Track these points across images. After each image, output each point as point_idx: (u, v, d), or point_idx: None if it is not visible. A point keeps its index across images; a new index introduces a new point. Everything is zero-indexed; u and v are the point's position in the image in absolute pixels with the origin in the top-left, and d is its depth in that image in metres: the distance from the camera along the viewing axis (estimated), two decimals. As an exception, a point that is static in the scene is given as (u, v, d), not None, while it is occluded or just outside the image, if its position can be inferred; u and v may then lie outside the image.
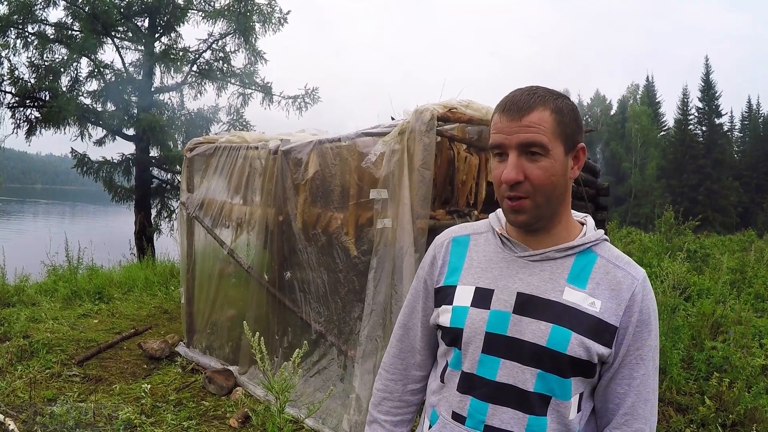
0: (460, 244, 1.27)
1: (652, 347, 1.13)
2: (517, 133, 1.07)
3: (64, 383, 4.08)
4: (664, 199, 35.49)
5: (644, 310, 1.11)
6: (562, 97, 1.12)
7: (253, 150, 4.28)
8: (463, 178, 3.59)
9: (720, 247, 13.39)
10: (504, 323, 1.12)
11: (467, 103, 3.16)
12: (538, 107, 1.07)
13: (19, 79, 10.50)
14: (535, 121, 1.06)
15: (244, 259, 4.37)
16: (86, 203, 65.59)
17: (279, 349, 3.99)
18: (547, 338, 1.08)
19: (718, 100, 47.02)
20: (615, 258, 1.17)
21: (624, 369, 1.13)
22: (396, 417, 1.37)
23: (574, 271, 1.14)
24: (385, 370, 1.39)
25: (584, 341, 1.08)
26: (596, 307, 1.10)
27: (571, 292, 1.11)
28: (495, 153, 1.13)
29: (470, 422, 1.14)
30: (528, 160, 1.08)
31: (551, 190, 1.10)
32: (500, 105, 1.12)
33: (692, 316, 5.27)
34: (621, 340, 1.11)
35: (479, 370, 1.14)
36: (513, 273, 1.15)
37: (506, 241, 1.19)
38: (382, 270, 3.10)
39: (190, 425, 3.50)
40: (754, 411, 3.55)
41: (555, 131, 1.08)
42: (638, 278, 1.13)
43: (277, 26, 11.51)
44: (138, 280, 7.73)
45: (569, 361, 1.08)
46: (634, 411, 1.13)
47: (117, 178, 11.63)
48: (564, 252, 1.15)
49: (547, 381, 1.09)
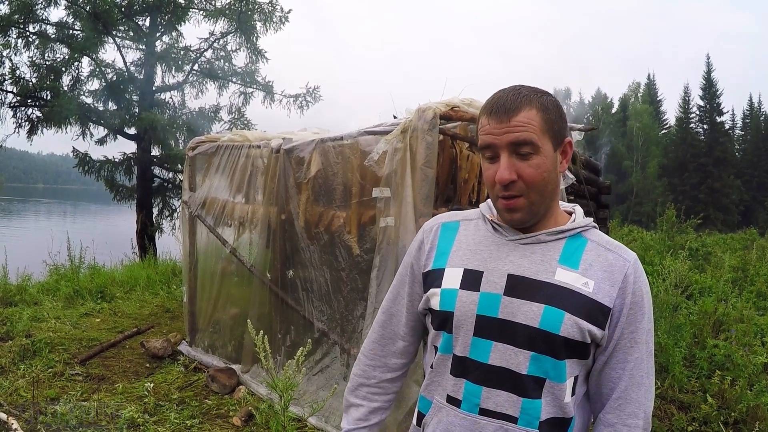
0: (450, 229, 1.28)
1: (645, 330, 1.13)
2: (506, 133, 1.08)
3: (66, 382, 4.09)
4: (666, 198, 35.50)
5: (637, 292, 1.12)
6: (545, 94, 1.13)
7: (255, 149, 4.28)
8: (466, 177, 3.59)
9: (722, 246, 13.37)
10: (495, 305, 1.12)
11: (469, 102, 3.16)
12: (524, 107, 1.09)
13: (21, 78, 10.52)
14: (523, 120, 1.08)
15: (247, 257, 4.38)
16: (88, 202, 65.70)
17: (282, 348, 4.00)
18: (540, 319, 1.08)
19: (719, 98, 46.93)
20: (605, 242, 1.18)
21: (618, 353, 1.12)
22: (372, 403, 1.36)
23: (565, 253, 1.14)
24: (365, 355, 1.39)
25: (578, 321, 1.07)
26: (589, 287, 1.10)
27: (563, 272, 1.11)
28: (485, 155, 1.13)
29: (465, 405, 1.14)
30: (519, 160, 1.09)
31: (544, 187, 1.11)
32: (486, 107, 1.13)
33: (694, 315, 5.26)
34: (615, 323, 1.11)
35: (472, 353, 1.13)
36: (503, 255, 1.16)
37: (497, 227, 1.20)
38: (385, 268, 3.11)
39: (193, 424, 3.50)
40: (756, 409, 3.55)
41: (543, 128, 1.09)
42: (630, 260, 1.14)
43: (279, 25, 11.52)
44: (140, 279, 7.73)
45: (563, 342, 1.08)
46: (628, 395, 1.13)
47: (118, 178, 11.65)
48: (555, 235, 1.16)
49: (540, 363, 1.08)
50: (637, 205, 44.21)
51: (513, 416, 1.10)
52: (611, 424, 1.14)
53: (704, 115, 47.01)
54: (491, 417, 1.11)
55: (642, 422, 1.13)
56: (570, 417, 1.13)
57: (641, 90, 56.92)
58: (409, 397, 2.95)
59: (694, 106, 47.37)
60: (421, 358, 1.48)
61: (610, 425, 1.14)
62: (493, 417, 1.11)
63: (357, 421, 1.35)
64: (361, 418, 1.36)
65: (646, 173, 46.36)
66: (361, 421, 1.35)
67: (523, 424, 1.09)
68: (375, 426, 1.37)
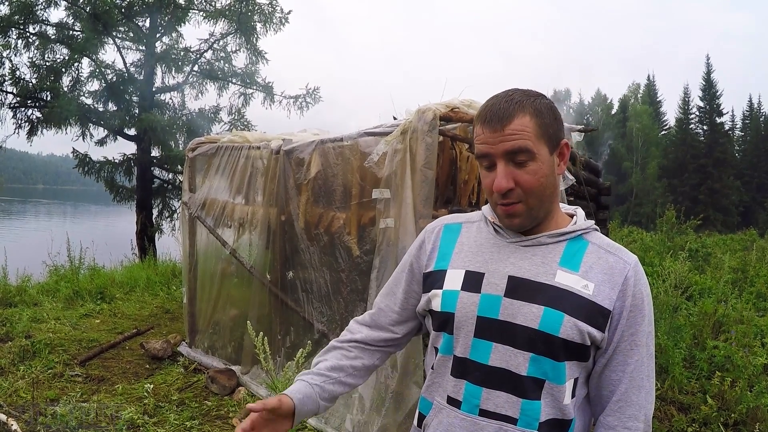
0: (452, 230, 1.28)
1: (645, 333, 1.13)
2: (501, 142, 1.09)
3: (66, 383, 4.09)
4: (666, 199, 35.49)
5: (637, 295, 1.12)
6: (539, 98, 1.13)
7: (255, 150, 4.28)
8: (466, 178, 3.60)
9: (721, 247, 13.38)
10: (495, 307, 1.12)
11: (469, 103, 3.16)
12: (517, 114, 1.08)
13: (21, 79, 10.53)
14: (517, 128, 1.08)
15: (247, 258, 4.38)
16: (88, 203, 65.70)
17: (281, 349, 4.00)
18: (540, 321, 1.08)
19: (719, 99, 46.91)
20: (606, 245, 1.18)
21: (618, 355, 1.13)
22: (341, 361, 1.31)
23: (566, 256, 1.14)
24: (354, 320, 1.41)
25: (577, 323, 1.08)
26: (589, 289, 1.10)
27: (563, 275, 1.12)
28: (482, 164, 1.14)
29: (465, 406, 1.14)
30: (516, 167, 1.10)
31: (542, 192, 1.12)
32: (480, 116, 1.13)
33: (694, 316, 5.26)
34: (615, 326, 1.11)
35: (472, 354, 1.14)
36: (504, 257, 1.16)
37: (499, 229, 1.21)
38: (385, 270, 3.11)
39: (193, 425, 3.50)
40: (756, 410, 3.55)
41: (537, 134, 1.09)
42: (630, 263, 1.14)
43: (279, 26, 11.53)
44: (140, 280, 7.73)
45: (562, 343, 1.08)
46: (628, 397, 1.13)
47: (118, 178, 11.66)
48: (556, 238, 1.16)
49: (540, 364, 1.09)
50: (636, 206, 44.21)
51: (512, 417, 1.10)
52: (611, 427, 1.14)
53: (704, 116, 47.00)
54: (491, 418, 1.11)
55: (642, 425, 1.13)
56: (570, 419, 1.13)
57: (641, 91, 56.90)
58: (409, 398, 2.95)
59: (693, 107, 47.41)
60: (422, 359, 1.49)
61: (611, 428, 1.14)
62: (493, 418, 1.11)
63: (316, 370, 1.29)
64: (323, 369, 1.29)
65: (646, 174, 46.35)
66: (320, 372, 1.28)
67: (523, 425, 1.09)
68: (330, 382, 1.28)
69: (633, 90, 58.07)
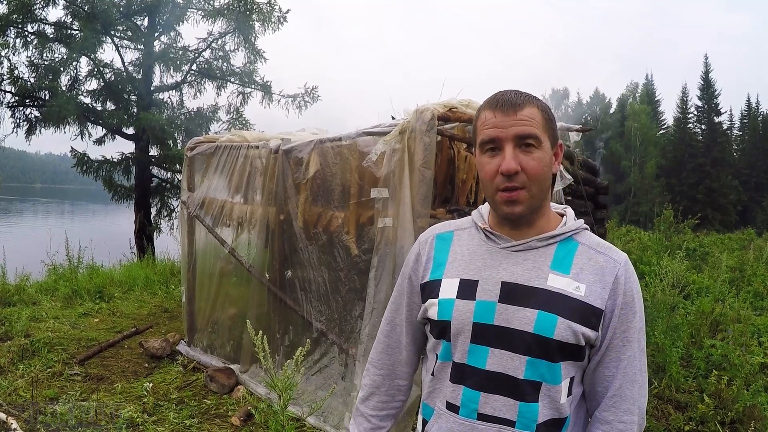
0: (444, 240, 1.31)
1: (637, 329, 1.16)
2: (513, 126, 1.13)
3: (65, 382, 4.10)
4: (664, 198, 35.52)
5: (628, 293, 1.15)
6: (540, 100, 1.20)
7: (254, 149, 4.29)
8: (464, 177, 3.61)
9: (719, 246, 13.40)
10: (490, 313, 1.15)
11: (467, 103, 3.17)
12: (528, 104, 1.15)
13: (19, 78, 10.50)
14: (528, 115, 1.14)
15: (245, 258, 4.38)
16: (86, 202, 65.58)
17: (280, 348, 4.01)
18: (534, 324, 1.11)
19: (717, 98, 46.95)
20: (596, 245, 1.20)
21: (611, 352, 1.15)
22: (382, 411, 1.41)
23: (557, 259, 1.17)
24: (373, 365, 1.42)
25: (571, 325, 1.10)
26: (581, 291, 1.13)
27: (555, 278, 1.14)
28: (487, 148, 1.16)
29: (464, 411, 1.16)
30: (522, 152, 1.13)
31: (543, 181, 1.15)
32: (490, 103, 1.17)
33: (691, 315, 5.28)
34: (607, 324, 1.14)
35: (470, 360, 1.16)
36: (497, 263, 1.19)
37: (490, 235, 1.23)
38: (383, 269, 3.12)
39: (192, 423, 3.51)
40: (753, 409, 3.57)
41: (544, 126, 1.15)
42: (620, 262, 1.17)
43: (277, 25, 11.51)
44: (138, 279, 7.74)
45: (557, 345, 1.10)
46: (622, 392, 1.16)
47: (117, 177, 11.66)
48: (546, 241, 1.19)
49: (536, 367, 1.11)
50: (634, 205, 44.22)
51: (510, 420, 1.12)
52: (608, 422, 1.16)
53: (702, 116, 47.06)
54: (489, 422, 1.13)
55: (637, 418, 1.16)
56: (565, 416, 1.15)
57: (639, 90, 56.90)
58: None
59: (692, 107, 47.48)
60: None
61: (607, 422, 1.16)
62: (491, 422, 1.13)
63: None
64: (374, 428, 1.40)
65: (644, 173, 46.34)
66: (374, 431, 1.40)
67: (521, 427, 1.12)
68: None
69: (631, 89, 58.11)
